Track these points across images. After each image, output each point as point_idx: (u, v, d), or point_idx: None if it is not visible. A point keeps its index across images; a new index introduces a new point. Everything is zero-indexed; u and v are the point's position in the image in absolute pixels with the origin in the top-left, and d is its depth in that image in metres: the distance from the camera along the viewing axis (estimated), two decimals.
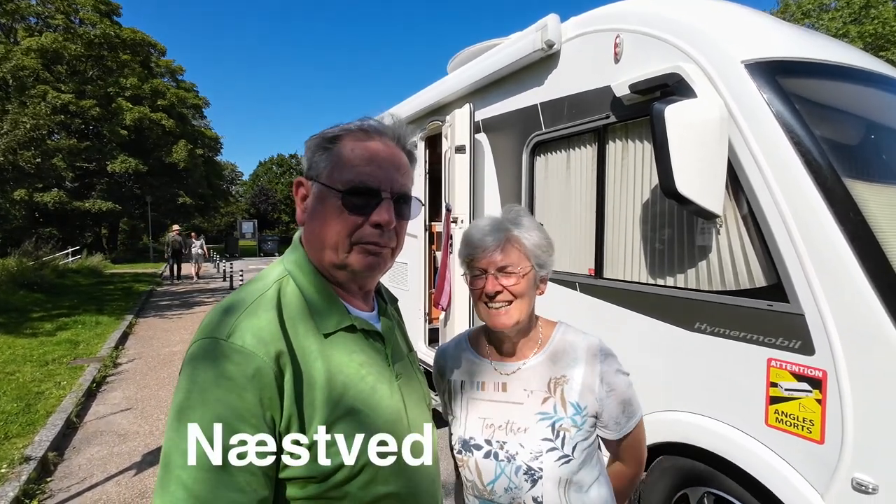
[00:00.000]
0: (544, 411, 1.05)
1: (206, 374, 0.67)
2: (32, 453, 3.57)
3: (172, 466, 0.64)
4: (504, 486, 1.03)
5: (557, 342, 1.12)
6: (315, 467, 0.71)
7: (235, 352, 0.68)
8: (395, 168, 0.83)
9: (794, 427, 1.66)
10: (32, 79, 16.97)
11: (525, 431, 1.04)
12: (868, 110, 2.11)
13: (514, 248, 1.06)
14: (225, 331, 0.70)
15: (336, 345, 0.79)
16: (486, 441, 1.07)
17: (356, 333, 0.82)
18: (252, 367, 0.68)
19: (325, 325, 0.79)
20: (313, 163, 0.83)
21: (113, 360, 6.38)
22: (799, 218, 1.65)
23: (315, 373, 0.74)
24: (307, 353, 0.75)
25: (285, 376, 0.70)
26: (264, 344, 0.70)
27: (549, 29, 2.63)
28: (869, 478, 1.48)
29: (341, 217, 0.79)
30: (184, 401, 0.67)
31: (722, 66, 1.86)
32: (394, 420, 0.81)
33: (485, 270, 1.05)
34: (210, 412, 0.65)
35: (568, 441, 1.02)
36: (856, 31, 13.07)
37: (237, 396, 0.66)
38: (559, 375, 1.08)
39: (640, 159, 2.26)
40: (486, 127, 3.36)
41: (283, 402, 0.70)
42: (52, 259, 15.42)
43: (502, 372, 1.12)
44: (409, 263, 4.54)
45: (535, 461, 1.01)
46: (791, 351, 1.67)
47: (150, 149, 24.43)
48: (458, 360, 1.19)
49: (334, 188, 0.79)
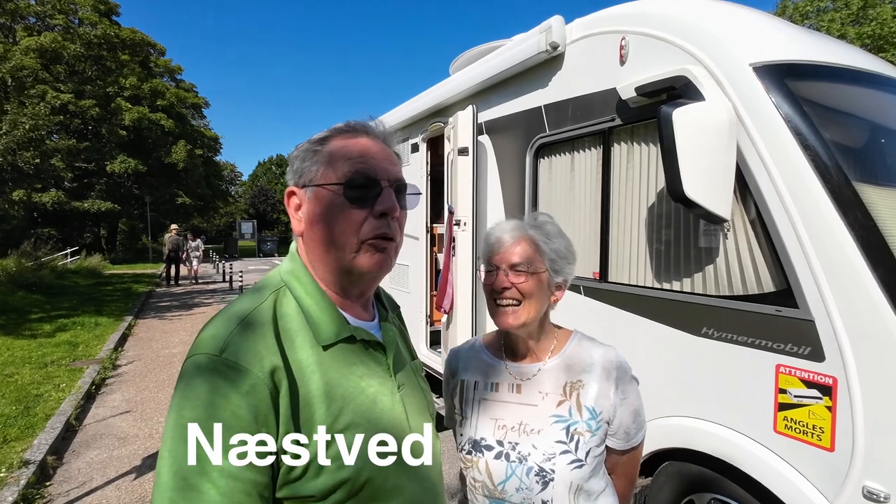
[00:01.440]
0: (559, 414, 1.05)
1: (199, 391, 0.66)
2: (31, 457, 3.55)
3: (163, 487, 0.63)
4: (515, 487, 1.03)
5: (573, 348, 1.13)
6: (313, 485, 0.69)
7: (229, 368, 0.67)
8: (388, 159, 0.83)
9: (804, 434, 1.64)
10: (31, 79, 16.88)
11: (539, 433, 1.04)
12: (877, 113, 2.10)
13: (529, 247, 1.07)
14: (218, 346, 0.69)
15: (335, 357, 0.77)
16: (497, 442, 1.07)
17: (356, 344, 0.80)
18: (246, 384, 0.66)
19: (324, 337, 0.77)
20: (304, 170, 0.81)
21: (112, 362, 6.35)
22: (808, 222, 1.63)
23: (312, 387, 0.72)
24: (304, 367, 0.73)
25: (281, 392, 0.69)
26: (259, 359, 0.69)
27: (553, 31, 2.61)
28: (880, 486, 1.46)
29: (344, 213, 0.77)
30: (177, 419, 0.65)
31: (730, 69, 1.85)
32: (396, 433, 0.79)
33: (498, 267, 1.07)
34: (205, 431, 0.64)
35: (582, 445, 1.02)
36: (854, 33, 13.09)
37: (231, 414, 0.65)
38: (575, 380, 1.08)
39: (645, 162, 2.24)
40: (490, 129, 3.35)
41: (278, 419, 0.68)
42: (50, 260, 15.40)
43: (517, 374, 1.13)
44: (410, 265, 4.52)
45: (548, 463, 1.01)
46: (800, 357, 1.65)
47: (149, 149, 24.39)
48: (472, 361, 1.20)
49: (333, 185, 0.78)
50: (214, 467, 0.63)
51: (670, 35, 2.05)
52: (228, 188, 44.67)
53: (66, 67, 20.75)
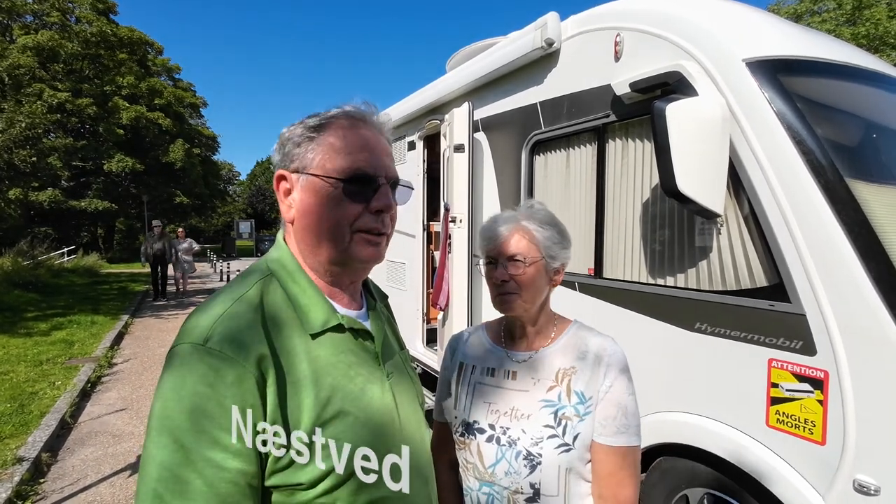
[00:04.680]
0: (548, 399, 1.07)
1: (183, 381, 0.64)
2: (25, 454, 3.54)
3: (148, 479, 0.62)
4: (504, 470, 1.04)
5: (571, 336, 1.14)
6: (303, 473, 0.68)
7: (214, 357, 0.66)
8: (386, 154, 0.83)
9: (796, 428, 1.64)
10: (28, 77, 16.87)
11: (528, 418, 1.06)
12: (871, 110, 2.11)
13: (523, 238, 1.10)
14: (203, 335, 0.68)
15: (323, 345, 0.76)
16: (489, 426, 1.09)
17: (345, 333, 0.80)
18: (232, 374, 0.65)
19: (312, 326, 0.76)
20: (296, 154, 0.79)
21: (108, 360, 6.33)
22: (801, 217, 1.64)
23: (301, 375, 0.71)
24: (292, 356, 0.72)
25: (268, 380, 0.68)
26: (244, 347, 0.67)
27: (548, 27, 2.61)
28: (871, 479, 1.47)
29: (340, 206, 0.77)
30: (162, 410, 0.64)
31: (723, 65, 1.85)
32: (385, 421, 0.79)
33: (496, 259, 1.10)
34: (189, 423, 0.63)
35: (569, 430, 1.03)
36: (849, 33, 13.11)
37: (217, 404, 0.63)
38: (568, 366, 1.09)
39: (640, 158, 2.24)
40: (486, 126, 3.35)
41: (265, 408, 0.67)
42: (47, 258, 15.35)
43: (514, 360, 1.15)
44: (406, 263, 4.51)
45: (535, 447, 1.02)
46: (792, 351, 1.66)
47: (146, 148, 24.33)
48: (473, 345, 1.23)
49: (331, 178, 0.77)
50: (200, 457, 0.62)
51: (664, 31, 2.06)
52: (226, 187, 44.63)
53: (64, 66, 20.70)
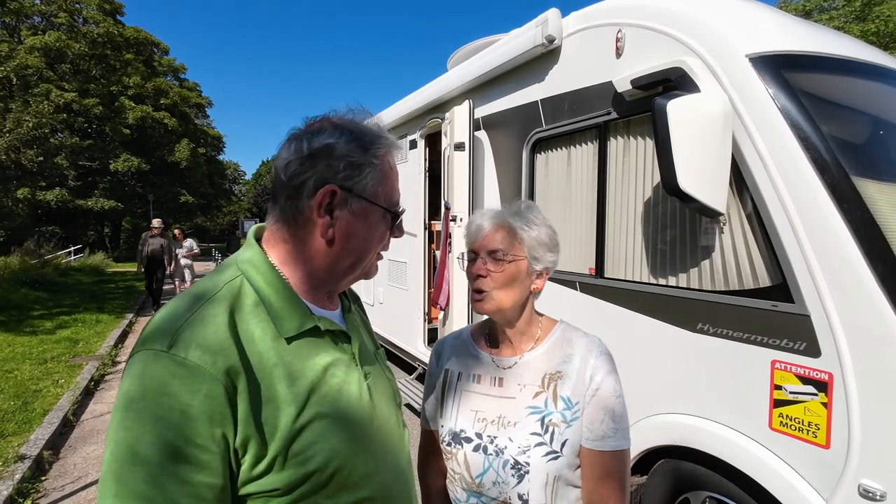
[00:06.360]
0: (535, 406, 1.03)
1: (145, 390, 0.60)
2: (28, 452, 3.55)
3: (106, 494, 0.59)
4: (492, 480, 1.01)
5: (556, 339, 1.10)
6: (279, 479, 0.66)
7: (178, 365, 0.61)
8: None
9: (799, 431, 1.61)
10: (36, 77, 17.00)
11: (515, 426, 1.02)
12: (876, 106, 2.06)
13: (507, 235, 1.06)
14: (166, 341, 0.63)
15: (299, 347, 0.73)
16: (476, 434, 1.05)
17: (321, 335, 0.77)
18: (197, 384, 0.61)
19: (287, 329, 0.72)
20: (354, 175, 0.74)
21: (112, 359, 6.36)
22: (805, 216, 1.60)
23: (275, 382, 0.68)
24: (264, 361, 0.68)
25: (238, 389, 0.64)
26: (212, 355, 0.63)
27: (549, 24, 2.58)
28: (876, 484, 1.43)
29: (381, 234, 0.81)
30: (121, 421, 0.60)
31: (726, 60, 1.82)
32: (363, 422, 0.77)
33: (477, 253, 1.07)
34: (151, 434, 0.58)
35: (557, 437, 0.99)
36: (858, 30, 12.95)
37: (181, 414, 0.59)
38: (554, 371, 1.05)
39: (642, 156, 2.21)
40: (486, 124, 3.32)
41: (236, 419, 0.63)
42: (54, 257, 15.48)
43: (500, 366, 1.11)
44: (408, 263, 4.49)
45: (523, 455, 0.99)
46: (796, 353, 1.62)
47: (152, 147, 24.53)
48: (458, 351, 1.19)
49: (389, 209, 0.80)
50: (161, 471, 0.58)
51: (666, 26, 2.02)
52: (232, 187, 44.86)
53: (71, 66, 20.87)
